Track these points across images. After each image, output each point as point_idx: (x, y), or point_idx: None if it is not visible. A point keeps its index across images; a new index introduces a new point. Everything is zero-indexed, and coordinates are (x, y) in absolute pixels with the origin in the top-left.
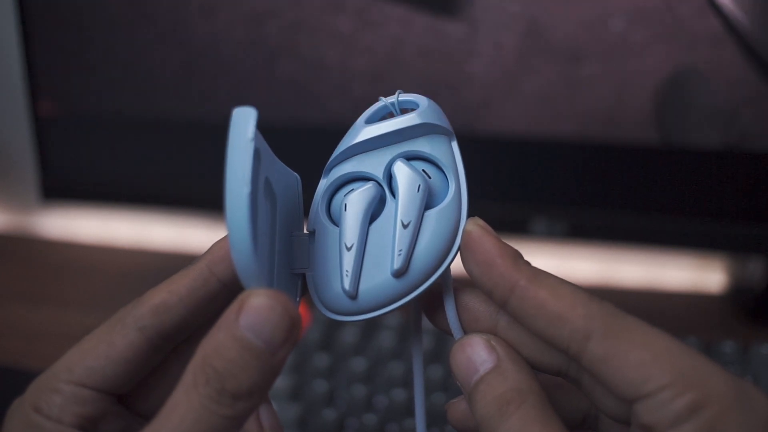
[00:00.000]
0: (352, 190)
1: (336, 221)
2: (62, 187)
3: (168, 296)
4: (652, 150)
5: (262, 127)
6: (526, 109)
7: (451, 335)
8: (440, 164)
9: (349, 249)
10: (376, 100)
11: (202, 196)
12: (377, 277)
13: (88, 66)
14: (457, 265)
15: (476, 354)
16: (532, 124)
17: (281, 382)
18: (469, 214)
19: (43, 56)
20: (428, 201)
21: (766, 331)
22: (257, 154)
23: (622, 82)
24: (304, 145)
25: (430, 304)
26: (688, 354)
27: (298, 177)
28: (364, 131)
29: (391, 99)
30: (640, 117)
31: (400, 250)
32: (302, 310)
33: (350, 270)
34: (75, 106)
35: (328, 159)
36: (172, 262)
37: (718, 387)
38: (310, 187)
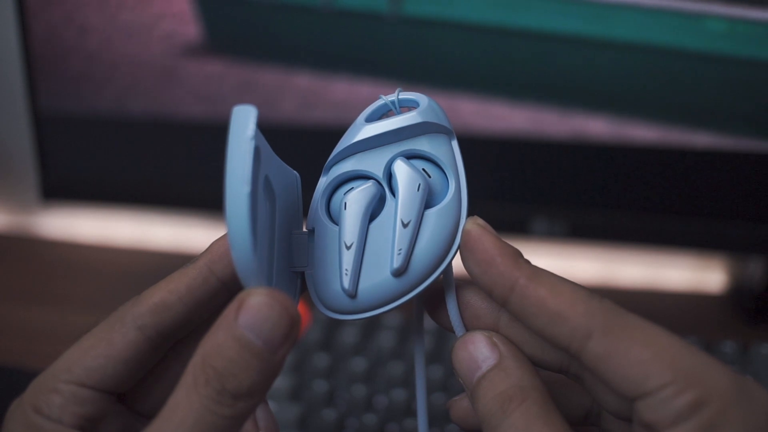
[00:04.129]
0: (352, 188)
1: (335, 220)
2: (62, 187)
3: (167, 295)
4: (651, 150)
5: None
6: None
7: (453, 332)
8: (440, 163)
9: (348, 248)
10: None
11: (202, 196)
12: (377, 276)
13: (88, 65)
14: (458, 264)
15: (478, 351)
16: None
17: (281, 382)
18: (469, 214)
19: (43, 56)
20: (428, 200)
21: (766, 331)
22: (257, 153)
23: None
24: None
25: (432, 301)
26: (688, 351)
27: (298, 175)
28: (364, 129)
29: (391, 97)
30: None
31: (400, 250)
32: (302, 309)
33: (350, 269)
34: (75, 106)
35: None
36: (172, 262)
37: (720, 384)
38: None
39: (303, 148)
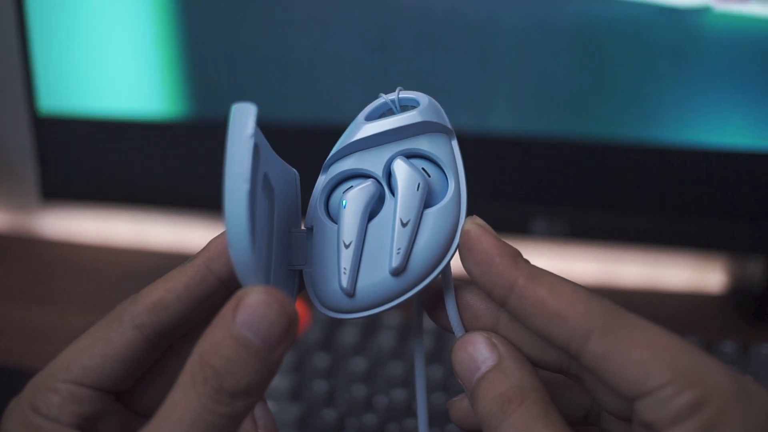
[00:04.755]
0: (351, 187)
1: (334, 218)
2: (62, 187)
3: (165, 294)
4: (652, 150)
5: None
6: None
7: (453, 333)
8: (440, 163)
9: (347, 246)
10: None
11: (202, 196)
12: (375, 275)
13: (88, 65)
14: (457, 264)
15: (478, 352)
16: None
17: (281, 382)
18: (469, 214)
19: (43, 55)
20: (427, 199)
21: (766, 331)
22: (257, 151)
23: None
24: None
25: (431, 301)
26: (688, 351)
27: (297, 173)
28: (364, 128)
29: (392, 96)
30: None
31: (399, 249)
32: (302, 309)
33: (348, 267)
34: (75, 107)
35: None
36: (172, 262)
37: (719, 384)
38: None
39: (284, 147)
